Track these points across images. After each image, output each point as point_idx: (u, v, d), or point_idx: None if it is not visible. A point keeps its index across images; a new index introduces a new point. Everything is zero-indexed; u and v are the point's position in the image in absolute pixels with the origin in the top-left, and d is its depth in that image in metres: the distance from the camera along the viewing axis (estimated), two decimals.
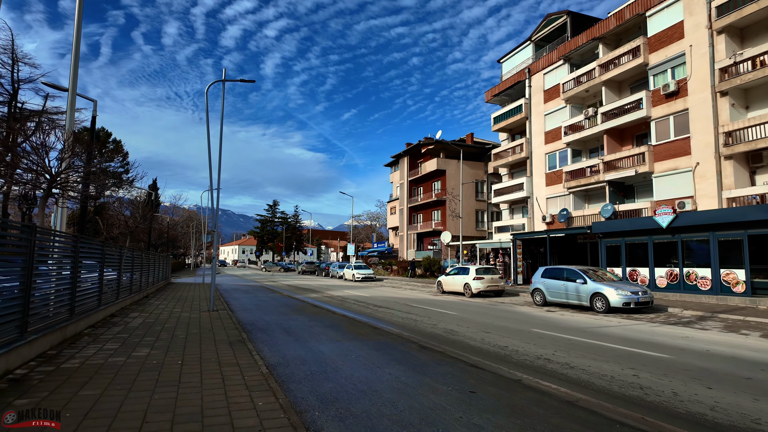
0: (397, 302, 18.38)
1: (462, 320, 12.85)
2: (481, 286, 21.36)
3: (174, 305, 14.43)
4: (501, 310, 16.11)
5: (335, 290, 25.53)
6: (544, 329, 11.30)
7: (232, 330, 9.54)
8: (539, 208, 30.93)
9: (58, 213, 9.79)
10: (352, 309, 15.72)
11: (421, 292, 25.12)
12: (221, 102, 12.94)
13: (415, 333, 10.32)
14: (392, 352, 7.73)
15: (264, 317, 12.33)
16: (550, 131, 30.84)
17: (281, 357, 7.18)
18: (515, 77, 34.12)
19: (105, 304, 10.77)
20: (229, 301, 16.96)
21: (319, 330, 10.18)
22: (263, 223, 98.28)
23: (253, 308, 14.91)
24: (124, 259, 13.56)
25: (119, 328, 9.24)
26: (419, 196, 47.67)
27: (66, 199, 9.29)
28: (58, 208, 9.79)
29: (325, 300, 19.34)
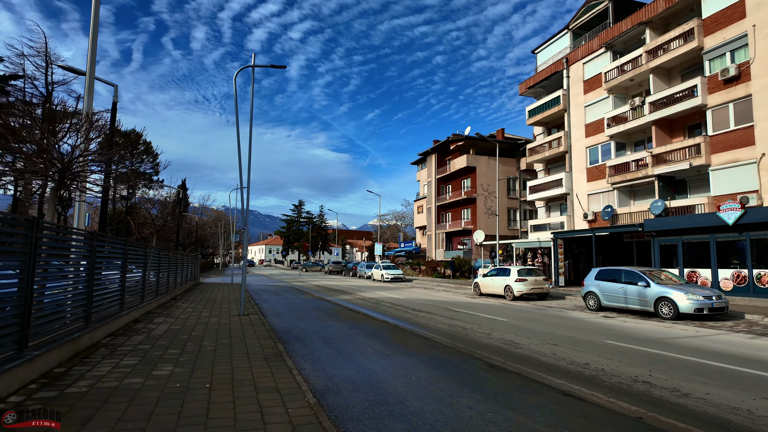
0: (435, 306, 16.99)
1: (517, 328, 11.37)
2: (524, 288, 19.74)
3: (202, 308, 13.42)
4: (553, 315, 14.53)
5: (366, 291, 24.30)
6: (618, 340, 9.73)
7: (266, 339, 8.34)
8: (580, 205, 28.98)
9: (76, 208, 8.82)
10: (390, 313, 14.42)
11: (456, 294, 23.64)
12: (251, 89, 11.85)
13: (471, 345, 8.92)
14: (457, 373, 6.37)
15: (298, 323, 11.13)
16: (590, 123, 28.86)
17: (328, 379, 5.90)
18: (552, 68, 32.20)
19: (128, 308, 9.77)
20: (259, 304, 15.90)
21: (361, 340, 8.90)
22: (289, 223, 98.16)
23: (285, 312, 13.76)
24: (150, 260, 12.63)
25: (141, 337, 8.17)
26: (448, 194, 46.05)
27: (82, 191, 8.30)
28: (76, 203, 8.83)
29: (358, 302, 18.09)
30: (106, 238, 8.45)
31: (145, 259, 11.43)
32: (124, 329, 8.95)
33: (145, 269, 11.50)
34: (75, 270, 7.11)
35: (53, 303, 6.08)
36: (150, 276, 12.66)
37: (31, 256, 5.03)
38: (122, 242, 9.46)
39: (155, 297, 13.12)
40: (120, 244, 9.46)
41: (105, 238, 8.39)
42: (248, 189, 12.27)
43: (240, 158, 12.13)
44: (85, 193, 8.50)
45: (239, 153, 12.11)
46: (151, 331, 8.85)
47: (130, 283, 10.15)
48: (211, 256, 76.40)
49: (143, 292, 11.41)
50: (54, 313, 6.00)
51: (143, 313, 11.32)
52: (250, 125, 11.99)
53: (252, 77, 12.04)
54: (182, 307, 13.49)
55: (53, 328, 5.94)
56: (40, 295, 5.63)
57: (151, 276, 12.63)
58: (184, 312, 12.34)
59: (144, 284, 11.45)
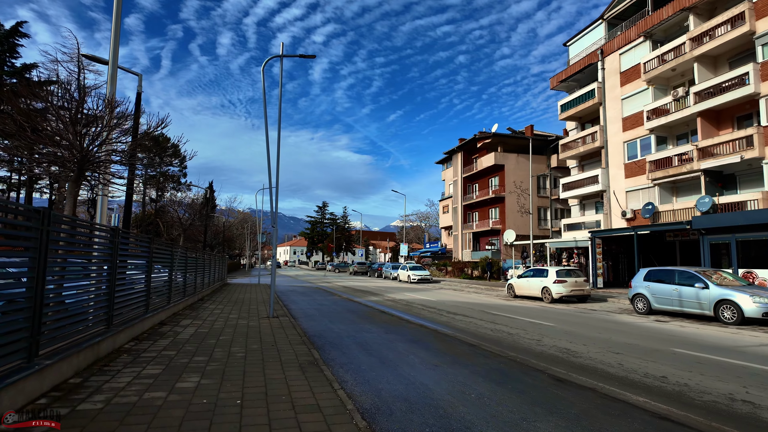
0: (471, 308, 16.02)
1: (567, 334, 10.34)
2: (564, 290, 18.55)
3: (230, 310, 12.84)
4: (600, 320, 13.39)
5: (395, 293, 23.46)
6: (687, 348, 8.62)
7: (299, 345, 7.61)
8: (617, 203, 27.47)
9: (98, 203, 8.29)
10: (425, 316, 13.54)
11: (487, 296, 22.57)
12: (279, 79, 11.19)
13: (524, 353, 7.98)
14: (522, 388, 5.48)
15: (331, 327, 10.37)
16: (628, 117, 27.34)
17: (375, 395, 5.08)
18: (585, 60, 30.75)
19: (153, 310, 9.20)
20: (288, 305, 15.26)
21: (403, 347, 8.06)
22: (313, 225, 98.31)
23: (315, 314, 13.05)
24: (176, 260, 12.14)
25: (166, 342, 7.54)
26: (474, 193, 44.82)
27: (104, 184, 7.76)
28: (98, 197, 8.30)
29: (388, 304, 17.28)
30: (130, 235, 7.88)
31: (171, 259, 10.90)
32: (149, 333, 8.37)
33: (172, 269, 10.96)
34: (96, 269, 6.53)
35: (69, 305, 5.47)
36: (177, 276, 12.16)
37: (41, 252, 4.40)
38: (147, 240, 8.91)
39: (182, 298, 12.61)
40: (145, 242, 8.91)
41: (128, 234, 7.82)
42: (277, 187, 11.63)
43: (268, 153, 11.50)
44: (107, 186, 7.96)
45: (267, 147, 11.48)
46: (177, 335, 8.23)
47: (155, 284, 9.60)
48: (238, 257, 77.02)
49: (170, 294, 10.87)
50: (70, 316, 5.38)
51: (170, 315, 10.78)
52: (278, 118, 11.35)
53: (281, 67, 11.40)
54: (210, 309, 12.94)
55: (69, 333, 5.33)
56: (56, 296, 5.02)
57: (178, 276, 12.13)
58: (212, 314, 11.76)
59: (171, 285, 10.92)
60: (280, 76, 11.09)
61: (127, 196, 9.44)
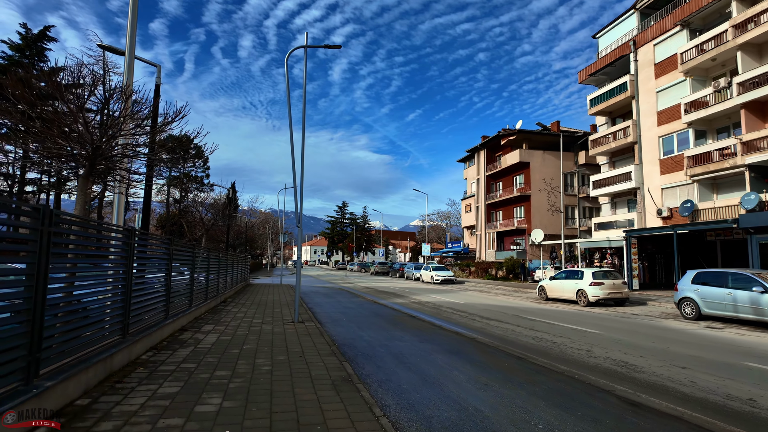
0: (503, 312, 15.12)
1: (617, 343, 9.39)
2: (601, 293, 17.45)
3: (254, 313, 12.26)
4: (647, 326, 12.33)
5: (419, 294, 22.66)
6: (761, 362, 7.60)
7: (329, 357, 6.91)
8: (652, 201, 26.07)
9: (115, 202, 7.75)
10: (457, 321, 12.72)
11: (517, 298, 21.56)
12: (304, 68, 10.56)
13: (578, 367, 7.10)
14: (594, 415, 4.63)
15: (361, 334, 9.65)
16: (663, 110, 25.89)
17: (425, 425, 4.29)
18: (616, 52, 29.34)
19: (174, 316, 8.65)
20: (312, 308, 14.63)
21: (443, 359, 7.28)
22: (333, 224, 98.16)
23: (341, 319, 12.36)
24: (198, 261, 11.64)
25: (186, 352, 6.94)
26: (498, 191, 43.59)
27: (119, 181, 7.20)
28: (115, 194, 7.76)
29: (415, 307, 16.50)
30: (148, 237, 7.32)
31: (192, 261, 10.37)
32: (169, 340, 7.80)
33: (193, 272, 10.43)
34: (110, 273, 5.95)
35: (76, 316, 4.88)
36: (199, 279, 11.65)
37: (42, 257, 3.79)
38: (167, 241, 8.35)
39: (204, 301, 12.09)
40: (164, 244, 8.35)
41: (146, 236, 7.25)
42: (302, 185, 10.99)
43: (293, 151, 10.86)
44: (123, 184, 7.41)
45: (291, 144, 10.84)
46: (197, 343, 7.64)
47: (176, 288, 9.05)
48: (260, 257, 77.33)
49: (191, 297, 10.34)
50: (78, 328, 4.78)
51: (191, 320, 10.24)
52: (303, 114, 10.71)
53: (305, 58, 10.75)
54: (233, 312, 12.39)
55: (78, 346, 4.73)
56: (65, 305, 4.43)
57: (199, 279, 11.61)
58: (235, 318, 11.19)
59: (192, 288, 10.38)
60: (304, 63, 10.46)
61: (146, 194, 8.89)
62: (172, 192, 53.53)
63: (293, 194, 10.42)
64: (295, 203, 10.80)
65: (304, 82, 10.65)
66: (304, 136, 10.94)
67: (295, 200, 10.81)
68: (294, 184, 10.90)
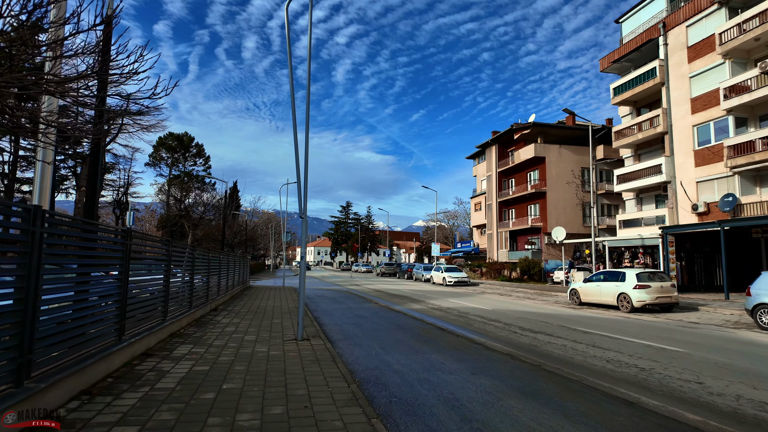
0: (544, 322, 12.66)
1: (722, 369, 6.91)
2: (647, 297, 14.97)
3: (248, 326, 9.83)
4: (726, 339, 9.86)
5: (436, 298, 20.19)
6: None
7: (350, 407, 4.45)
8: (685, 195, 23.57)
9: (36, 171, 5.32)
10: (497, 335, 10.27)
11: (544, 302, 19.08)
12: (309, 17, 8.16)
13: (718, 417, 4.65)
14: None
15: (387, 358, 7.11)
16: (698, 97, 23.40)
17: None
18: (643, 36, 26.87)
19: (135, 336, 6.23)
20: (319, 318, 12.17)
21: (525, 411, 4.76)
22: (337, 225, 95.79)
23: (356, 333, 9.85)
24: (184, 260, 9.25)
25: (133, 399, 4.49)
26: (511, 189, 41.07)
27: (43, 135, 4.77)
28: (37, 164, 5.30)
29: (438, 315, 14.05)
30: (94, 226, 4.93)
31: (167, 261, 7.97)
32: (119, 374, 5.36)
33: (168, 274, 8.02)
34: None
35: None
36: (179, 283, 9.25)
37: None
38: (123, 233, 5.96)
39: (188, 310, 9.67)
40: (119, 237, 5.95)
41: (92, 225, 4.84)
42: (306, 165, 8.58)
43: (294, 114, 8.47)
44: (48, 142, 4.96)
45: (293, 103, 8.44)
46: (158, 380, 5.19)
47: (138, 297, 6.65)
48: (262, 257, 74.98)
49: (165, 307, 7.93)
50: None
51: (164, 338, 7.82)
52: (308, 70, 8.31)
53: (310, 7, 8.36)
54: (221, 325, 9.95)
55: None
56: None
57: (179, 284, 9.21)
58: (223, 334, 8.75)
59: (167, 297, 7.97)
60: (310, 10, 8.06)
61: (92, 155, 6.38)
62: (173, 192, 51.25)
63: (296, 189, 8.00)
64: (298, 187, 8.39)
65: (309, 31, 8.24)
66: (308, 100, 8.52)
67: (298, 185, 8.40)
68: (296, 163, 8.50)
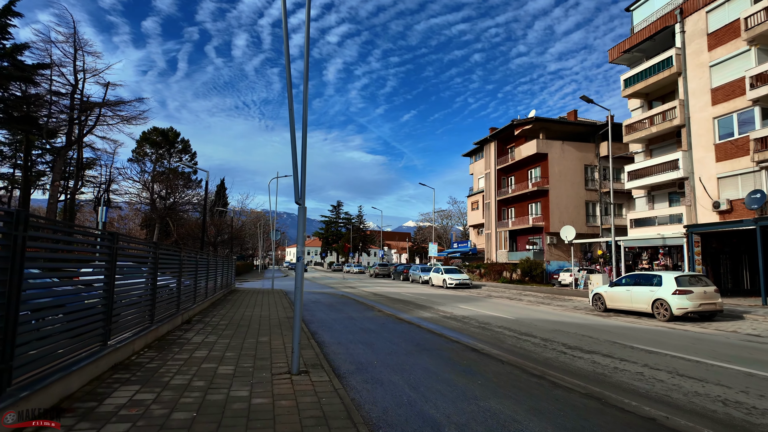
0: (589, 337, 10.48)
1: None
2: (689, 304, 12.93)
3: (224, 349, 7.43)
4: None
5: (444, 304, 17.94)
6: None
7: None
8: (705, 192, 21.71)
9: None
10: (543, 357, 8.03)
11: (563, 308, 16.98)
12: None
13: None
14: None
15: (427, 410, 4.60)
16: (720, 87, 21.57)
17: None
18: (657, 24, 25.02)
19: (46, 378, 3.85)
20: (317, 334, 9.79)
21: None
22: (327, 225, 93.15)
23: (369, 358, 7.40)
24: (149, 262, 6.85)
25: None
26: (510, 187, 39.05)
27: None
28: None
29: (456, 327, 11.79)
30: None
31: (110, 261, 5.58)
32: None
33: (112, 280, 5.63)
34: None
35: None
36: (132, 291, 6.84)
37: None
38: (9, 216, 3.62)
39: (148, 326, 7.25)
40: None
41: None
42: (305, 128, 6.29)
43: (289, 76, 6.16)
44: None
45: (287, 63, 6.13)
46: None
47: (42, 318, 4.27)
48: (251, 257, 72.04)
49: (106, 328, 5.53)
50: None
51: (103, 372, 5.41)
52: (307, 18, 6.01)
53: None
54: (191, 346, 7.54)
55: None
56: None
57: (132, 291, 6.80)
58: (189, 362, 6.35)
59: (109, 312, 5.57)
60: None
61: None
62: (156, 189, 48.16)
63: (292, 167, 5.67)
64: (294, 168, 6.08)
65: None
66: (308, 53, 6.21)
67: (294, 163, 6.09)
68: (291, 137, 6.19)
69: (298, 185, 6.10)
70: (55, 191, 33.14)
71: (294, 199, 6.05)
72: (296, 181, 6.13)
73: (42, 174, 39.58)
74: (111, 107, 35.60)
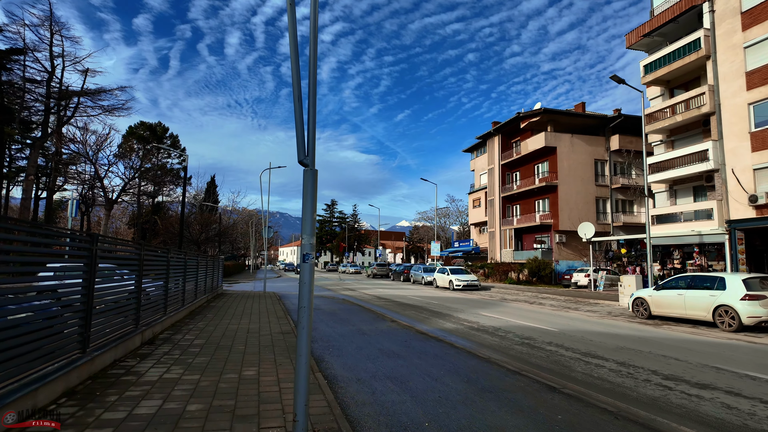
0: (668, 358, 8.13)
1: None
2: (763, 312, 10.69)
3: (187, 398, 4.93)
4: None
5: (461, 310, 15.51)
6: None
7: None
8: (739, 185, 19.57)
9: None
10: (641, 396, 5.66)
11: (597, 314, 14.66)
12: None
13: None
14: None
15: None
16: (756, 70, 19.43)
17: None
18: (682, 4, 22.85)
19: None
20: (323, 358, 7.28)
21: None
22: (321, 224, 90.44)
23: (413, 416, 4.85)
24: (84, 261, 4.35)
25: None
26: (515, 183, 36.78)
27: None
28: None
29: (497, 345, 9.34)
30: None
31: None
32: None
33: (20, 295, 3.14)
34: None
35: None
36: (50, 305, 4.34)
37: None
38: None
39: (77, 359, 4.74)
40: None
41: None
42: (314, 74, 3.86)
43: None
44: None
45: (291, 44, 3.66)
46: None
47: None
48: (243, 257, 69.12)
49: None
50: None
51: None
52: None
53: None
54: (133, 392, 4.99)
55: None
56: None
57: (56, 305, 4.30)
58: (136, 416, 3.85)
59: None
60: None
61: None
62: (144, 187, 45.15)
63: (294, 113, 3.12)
64: (295, 99, 3.59)
65: None
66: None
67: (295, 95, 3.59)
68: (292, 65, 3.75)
69: (303, 137, 3.62)
70: (29, 186, 30.11)
71: (297, 158, 3.55)
72: (299, 132, 3.65)
73: (22, 170, 36.49)
74: (91, 96, 32.64)
